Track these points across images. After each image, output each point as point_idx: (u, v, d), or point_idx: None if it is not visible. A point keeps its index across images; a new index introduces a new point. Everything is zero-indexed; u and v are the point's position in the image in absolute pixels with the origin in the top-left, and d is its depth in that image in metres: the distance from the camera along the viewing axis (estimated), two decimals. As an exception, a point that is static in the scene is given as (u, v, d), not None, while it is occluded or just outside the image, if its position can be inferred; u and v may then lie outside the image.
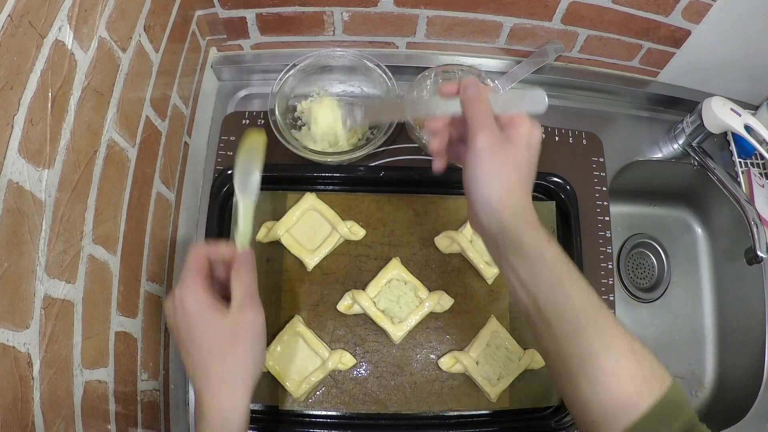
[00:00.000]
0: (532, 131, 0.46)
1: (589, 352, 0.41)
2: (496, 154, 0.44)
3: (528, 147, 0.45)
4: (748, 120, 0.71)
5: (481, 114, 0.45)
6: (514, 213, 0.44)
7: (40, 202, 0.39)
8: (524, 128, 0.45)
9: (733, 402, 0.81)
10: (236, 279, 0.48)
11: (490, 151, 0.44)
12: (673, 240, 0.95)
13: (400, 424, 0.64)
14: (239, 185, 0.52)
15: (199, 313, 0.46)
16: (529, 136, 0.45)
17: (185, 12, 0.66)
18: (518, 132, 0.45)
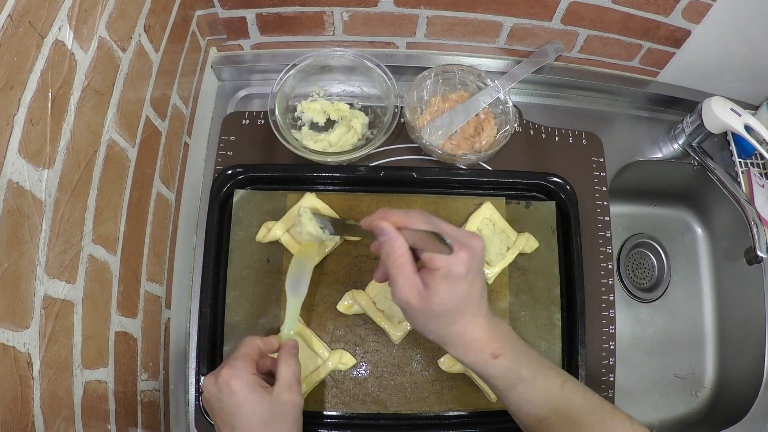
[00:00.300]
0: (450, 267, 0.45)
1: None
2: (415, 310, 0.46)
3: (451, 285, 0.45)
4: (748, 120, 0.71)
5: (393, 270, 0.46)
6: (454, 347, 0.48)
7: (40, 202, 0.39)
8: (440, 271, 0.45)
9: (733, 402, 0.81)
10: (284, 363, 0.51)
11: (408, 309, 0.47)
12: (673, 240, 0.95)
13: (400, 424, 0.64)
14: (290, 286, 0.57)
15: (248, 392, 0.48)
16: (447, 275, 0.45)
17: (185, 12, 0.66)
18: (435, 276, 0.45)
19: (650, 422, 0.84)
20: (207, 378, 0.50)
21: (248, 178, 0.70)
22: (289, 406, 0.49)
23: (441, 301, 0.45)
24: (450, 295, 0.45)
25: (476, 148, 0.73)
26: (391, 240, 0.45)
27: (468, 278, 0.45)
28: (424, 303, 0.45)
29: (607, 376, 0.69)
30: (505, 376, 0.47)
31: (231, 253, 0.67)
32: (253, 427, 0.47)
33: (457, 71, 0.75)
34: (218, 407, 0.49)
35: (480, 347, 0.47)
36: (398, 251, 0.45)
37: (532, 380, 0.48)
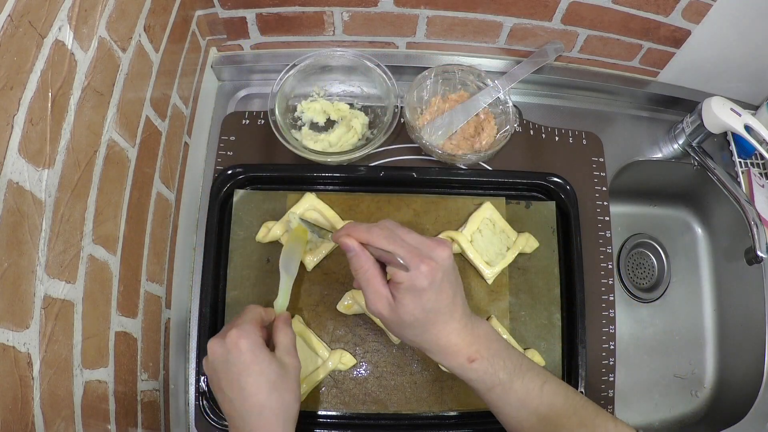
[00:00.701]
0: (413, 281, 0.45)
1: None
2: (387, 320, 0.48)
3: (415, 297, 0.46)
4: (748, 120, 0.71)
5: (362, 283, 0.48)
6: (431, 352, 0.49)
7: (40, 202, 0.39)
8: (403, 285, 0.46)
9: (733, 402, 0.81)
10: (281, 332, 0.54)
11: (382, 319, 0.49)
12: (673, 240, 0.95)
13: (400, 424, 0.64)
14: (283, 265, 0.60)
15: (257, 354, 0.50)
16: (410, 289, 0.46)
17: (185, 12, 0.66)
18: (399, 289, 0.46)
19: (650, 422, 0.84)
20: (213, 341, 0.51)
21: (248, 178, 0.70)
22: (291, 368, 0.52)
23: (409, 311, 0.46)
24: (416, 307, 0.46)
25: (476, 148, 0.73)
26: (356, 256, 0.47)
27: (432, 289, 0.46)
28: (394, 314, 0.47)
29: (607, 376, 0.69)
30: (482, 380, 0.48)
31: (231, 253, 0.67)
32: (261, 386, 0.49)
33: (457, 71, 0.75)
34: (224, 369, 0.50)
35: (456, 352, 0.48)
36: (364, 266, 0.47)
37: (510, 383, 0.48)
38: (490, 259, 0.68)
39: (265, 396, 0.49)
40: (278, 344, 0.53)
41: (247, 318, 0.53)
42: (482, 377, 0.48)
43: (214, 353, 0.50)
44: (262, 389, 0.49)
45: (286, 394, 0.50)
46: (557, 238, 0.71)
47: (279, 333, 0.54)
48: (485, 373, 0.48)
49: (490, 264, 0.67)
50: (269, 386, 0.49)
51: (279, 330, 0.55)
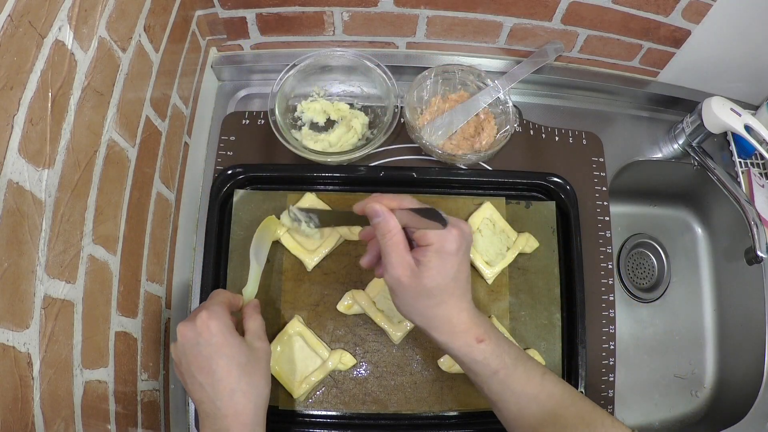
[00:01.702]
0: (443, 243, 0.46)
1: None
2: (406, 287, 0.47)
3: (443, 260, 0.46)
4: (748, 120, 0.71)
5: (387, 248, 0.47)
6: (439, 330, 0.48)
7: (40, 202, 0.39)
8: (433, 246, 0.46)
9: (733, 402, 0.81)
10: (250, 318, 0.55)
11: (399, 287, 0.47)
12: (673, 240, 0.95)
13: (400, 424, 0.64)
14: (253, 253, 0.62)
15: (228, 335, 0.50)
16: (440, 251, 0.46)
17: (185, 12, 0.66)
18: (428, 251, 0.46)
19: (650, 422, 0.84)
20: (182, 325, 0.50)
21: (248, 178, 0.70)
22: (261, 352, 0.52)
23: (432, 277, 0.46)
24: (441, 271, 0.46)
25: (476, 148, 0.73)
26: (384, 220, 0.47)
27: (458, 256, 0.47)
28: (416, 280, 0.46)
29: (607, 376, 0.69)
30: (488, 361, 0.48)
31: (231, 253, 0.67)
32: (232, 369, 0.49)
33: (457, 71, 0.75)
34: (195, 352, 0.49)
35: (465, 330, 0.48)
36: (393, 230, 0.47)
37: (514, 367, 0.48)
38: (490, 259, 0.68)
39: (236, 379, 0.49)
40: (248, 329, 0.54)
41: (215, 300, 0.53)
42: (488, 359, 0.48)
43: (185, 336, 0.50)
44: (232, 372, 0.49)
45: (257, 377, 0.50)
46: (557, 238, 0.71)
47: (248, 319, 0.55)
48: (492, 353, 0.48)
49: (490, 264, 0.67)
50: (240, 369, 0.49)
51: (248, 316, 0.55)
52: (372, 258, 0.54)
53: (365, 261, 0.54)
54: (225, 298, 0.54)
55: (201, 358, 0.49)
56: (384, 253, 0.47)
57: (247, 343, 0.52)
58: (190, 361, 0.50)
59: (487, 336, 0.48)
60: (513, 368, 0.48)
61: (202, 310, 0.50)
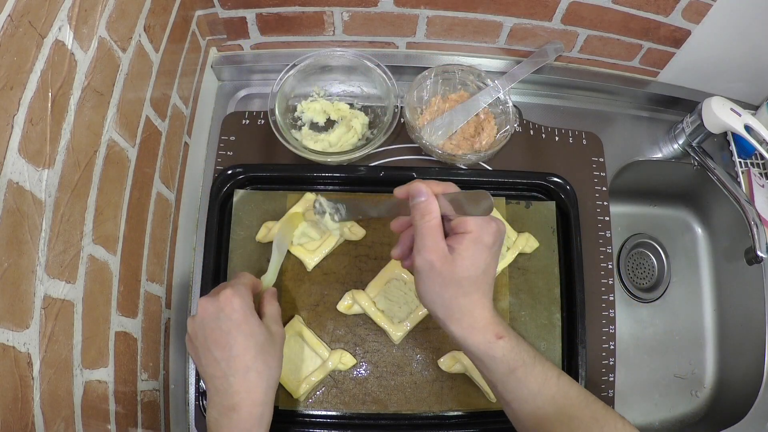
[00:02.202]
0: (481, 233, 0.45)
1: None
2: (436, 273, 0.45)
3: (478, 251, 0.45)
4: (748, 120, 0.71)
5: (424, 230, 0.46)
6: (460, 322, 0.47)
7: (40, 202, 0.39)
8: (471, 235, 0.45)
9: (733, 402, 0.81)
10: (268, 303, 0.57)
11: (429, 271, 0.46)
12: (673, 240, 0.95)
13: (400, 424, 0.64)
14: (277, 243, 0.63)
15: (248, 315, 0.51)
16: (477, 241, 0.45)
17: (185, 12, 0.66)
18: (464, 239, 0.45)
19: (650, 422, 0.84)
20: (204, 299, 0.51)
21: (248, 178, 0.70)
22: (277, 336, 0.54)
23: (465, 266, 0.45)
24: (474, 262, 0.45)
25: (476, 148, 0.73)
26: (427, 201, 0.46)
27: (492, 251, 0.46)
28: (448, 266, 0.45)
29: (607, 376, 0.69)
30: (507, 359, 0.47)
31: (231, 253, 0.67)
32: (250, 348, 0.50)
33: (457, 71, 0.75)
34: (214, 326, 0.50)
35: (485, 326, 0.47)
36: (433, 212, 0.46)
37: (532, 365, 0.48)
38: (490, 259, 0.68)
39: (252, 357, 0.49)
40: (266, 313, 0.55)
41: (241, 281, 0.54)
42: (508, 355, 0.47)
43: (206, 310, 0.50)
44: (249, 350, 0.49)
45: (272, 359, 0.51)
46: (557, 238, 0.71)
47: (267, 304, 0.56)
48: (512, 350, 0.47)
49: (490, 264, 0.67)
50: (257, 348, 0.50)
51: (267, 301, 0.57)
52: (404, 249, 0.52)
53: (397, 252, 0.53)
54: (249, 281, 0.55)
55: (219, 332, 0.49)
56: (419, 235, 0.46)
57: (266, 325, 0.53)
58: (207, 334, 0.50)
59: (506, 333, 0.48)
60: (531, 367, 0.48)
61: (227, 287, 0.51)
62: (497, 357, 0.47)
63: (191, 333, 0.52)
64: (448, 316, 0.47)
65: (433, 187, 0.47)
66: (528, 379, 0.48)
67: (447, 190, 0.48)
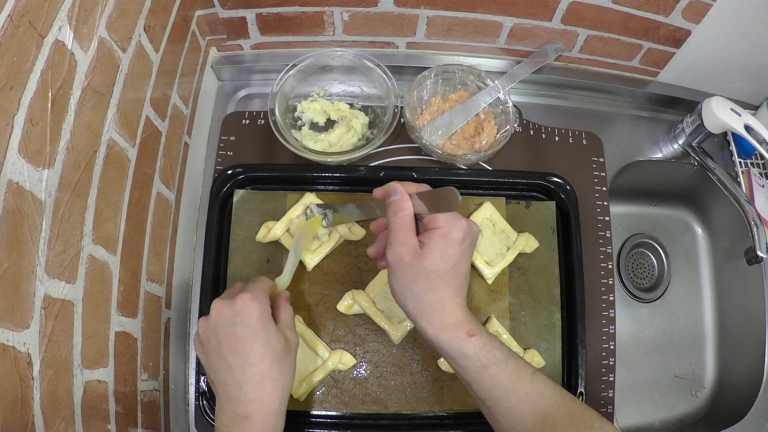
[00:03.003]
0: (450, 229, 0.47)
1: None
2: (406, 266, 0.47)
3: (447, 246, 0.47)
4: (748, 120, 0.71)
5: (396, 226, 0.48)
6: (430, 318, 0.48)
7: (40, 202, 0.39)
8: (440, 230, 0.47)
9: (733, 402, 0.81)
10: (283, 308, 0.55)
11: (399, 264, 0.47)
12: (673, 240, 0.95)
13: (400, 424, 0.64)
14: (293, 247, 0.62)
15: (266, 322, 0.50)
16: (446, 236, 0.47)
17: (185, 12, 0.66)
18: (434, 234, 0.47)
19: (650, 422, 0.84)
20: (220, 302, 0.50)
21: (248, 178, 0.70)
22: (292, 343, 0.53)
23: (433, 259, 0.46)
24: (443, 256, 0.47)
25: (476, 148, 0.73)
26: (401, 199, 0.48)
27: (462, 246, 0.47)
28: (417, 260, 0.47)
29: (607, 376, 0.69)
30: (479, 357, 0.47)
31: (231, 253, 0.67)
32: (266, 357, 0.49)
33: (457, 71, 0.75)
34: (229, 332, 0.49)
35: (457, 324, 0.48)
36: (406, 210, 0.48)
37: (505, 363, 0.48)
38: (490, 259, 0.68)
39: (268, 366, 0.48)
40: (280, 320, 0.53)
41: (260, 286, 0.53)
42: (479, 353, 0.47)
43: (221, 314, 0.49)
44: (266, 358, 0.48)
45: (287, 368, 0.51)
46: (557, 238, 0.71)
47: (282, 309, 0.55)
48: (483, 348, 0.47)
49: (490, 264, 0.67)
50: (273, 357, 0.49)
51: (282, 306, 0.55)
52: (380, 248, 0.54)
53: (372, 250, 0.55)
54: (268, 286, 0.54)
55: (235, 338, 0.48)
56: (392, 231, 0.48)
57: (281, 332, 0.52)
58: (221, 340, 0.49)
59: (478, 331, 0.48)
60: (504, 364, 0.48)
61: (246, 292, 0.50)
62: (469, 355, 0.47)
63: (203, 336, 0.51)
64: (418, 311, 0.48)
65: (407, 187, 0.49)
66: (501, 377, 0.48)
67: (421, 190, 0.49)
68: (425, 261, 0.46)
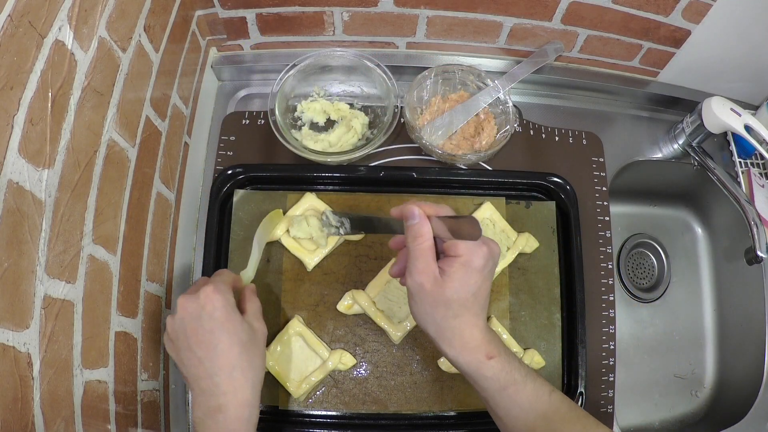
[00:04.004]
0: (471, 257, 0.46)
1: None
2: (426, 294, 0.47)
3: (467, 274, 0.46)
4: (748, 120, 0.71)
5: (416, 252, 0.47)
6: (451, 342, 0.48)
7: (40, 202, 0.39)
8: (461, 258, 0.46)
9: (733, 402, 0.81)
10: (249, 300, 0.56)
11: (420, 292, 0.47)
12: (673, 240, 0.95)
13: (400, 424, 0.64)
14: (257, 240, 0.62)
15: (231, 313, 0.50)
16: (467, 264, 0.46)
17: (185, 12, 0.66)
18: (455, 263, 0.46)
19: (650, 422, 0.84)
20: (183, 297, 0.50)
21: (248, 178, 0.70)
22: (260, 333, 0.53)
23: (454, 288, 0.46)
24: (463, 285, 0.46)
25: (476, 148, 0.73)
26: (420, 224, 0.47)
27: (483, 273, 0.47)
28: (437, 288, 0.46)
29: (607, 376, 0.69)
30: (498, 378, 0.48)
31: (231, 253, 0.67)
32: (233, 346, 0.49)
33: (457, 71, 0.75)
34: (195, 326, 0.49)
35: (476, 347, 0.48)
36: (425, 235, 0.47)
37: (523, 383, 0.48)
38: (490, 259, 0.68)
39: (237, 355, 0.49)
40: (247, 310, 0.54)
41: (222, 279, 0.53)
42: (498, 375, 0.48)
43: (186, 309, 0.49)
44: (234, 348, 0.49)
45: (256, 357, 0.51)
46: (557, 238, 0.71)
47: (248, 301, 0.55)
48: (502, 370, 0.48)
49: (490, 264, 0.67)
50: (241, 346, 0.49)
51: (247, 298, 0.56)
52: (401, 267, 0.53)
53: (395, 270, 0.54)
54: (230, 278, 0.55)
55: (202, 331, 0.49)
56: (411, 257, 0.47)
57: (248, 322, 0.52)
58: (189, 334, 0.49)
59: (497, 353, 0.48)
60: (523, 385, 0.48)
61: (208, 285, 0.50)
62: (488, 376, 0.48)
63: (171, 333, 0.51)
64: (439, 336, 0.48)
65: (425, 209, 0.48)
66: (519, 397, 0.48)
67: (439, 211, 0.48)
68: (446, 290, 0.46)
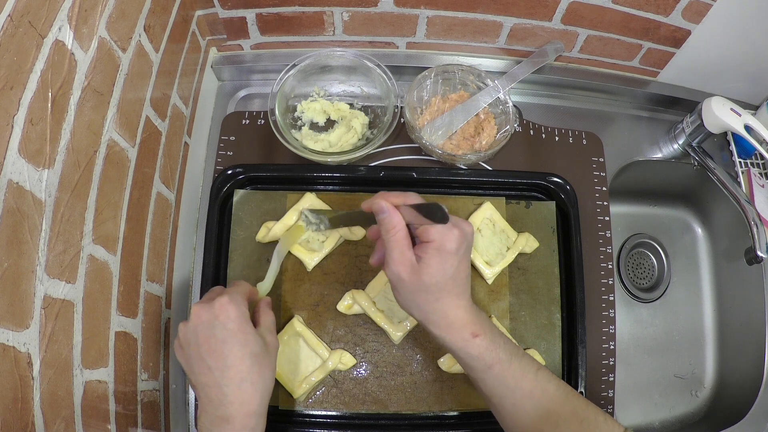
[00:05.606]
0: (444, 241, 0.47)
1: None
2: (405, 283, 0.48)
3: (442, 258, 0.47)
4: (748, 120, 0.71)
5: (390, 244, 0.48)
6: (437, 324, 0.49)
7: (40, 202, 0.39)
8: (433, 244, 0.47)
9: (733, 402, 0.81)
10: (264, 313, 0.56)
11: (399, 281, 0.49)
12: (673, 240, 0.95)
13: (400, 424, 0.64)
14: (276, 253, 0.63)
15: (244, 324, 0.50)
16: (440, 248, 0.47)
17: (185, 12, 0.66)
18: (428, 248, 0.47)
19: (650, 422, 0.84)
20: (198, 305, 0.50)
21: (248, 178, 0.70)
22: (272, 346, 0.53)
23: (431, 274, 0.47)
24: (439, 269, 0.47)
25: (476, 148, 0.73)
26: (389, 216, 0.48)
27: (457, 256, 0.48)
28: (415, 276, 0.47)
29: (607, 376, 0.69)
30: (483, 356, 0.49)
31: (231, 253, 0.67)
32: (245, 358, 0.49)
33: (457, 71, 0.75)
34: (208, 335, 0.49)
35: (461, 326, 0.49)
36: (397, 226, 0.48)
37: (509, 362, 0.49)
38: (490, 259, 0.68)
39: (248, 368, 0.49)
40: (261, 323, 0.54)
41: (238, 289, 0.53)
42: (483, 353, 0.49)
43: (199, 317, 0.49)
44: (245, 360, 0.49)
45: (266, 370, 0.51)
46: (557, 238, 0.71)
47: (262, 313, 0.56)
48: (487, 349, 0.49)
49: (490, 264, 0.67)
50: (252, 358, 0.49)
51: (262, 311, 0.56)
52: (380, 256, 0.54)
53: (374, 259, 0.55)
54: (246, 289, 0.55)
55: (214, 340, 0.49)
56: (387, 249, 0.49)
57: (261, 335, 0.52)
58: (200, 342, 0.49)
59: (482, 331, 0.49)
60: (508, 363, 0.49)
61: (223, 295, 0.50)
62: (474, 355, 0.49)
63: (182, 340, 0.51)
64: (425, 319, 0.50)
65: (393, 200, 0.49)
66: (505, 376, 0.49)
67: (406, 200, 0.49)
68: (424, 276, 0.47)
